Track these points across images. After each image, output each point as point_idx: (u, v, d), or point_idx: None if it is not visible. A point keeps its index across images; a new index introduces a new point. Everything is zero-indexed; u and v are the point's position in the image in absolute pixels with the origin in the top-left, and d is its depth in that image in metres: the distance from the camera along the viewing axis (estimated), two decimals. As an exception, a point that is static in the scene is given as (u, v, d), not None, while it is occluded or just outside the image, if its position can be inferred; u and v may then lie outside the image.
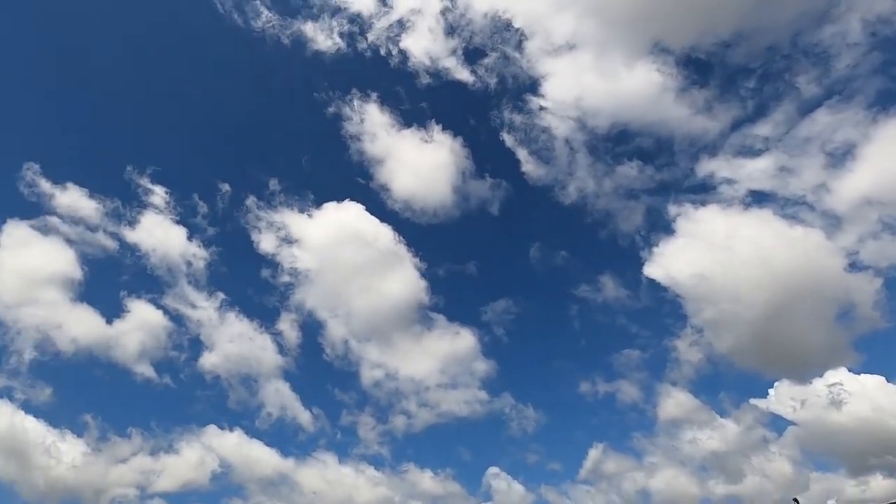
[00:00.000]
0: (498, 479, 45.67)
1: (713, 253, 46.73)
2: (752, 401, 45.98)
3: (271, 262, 51.46)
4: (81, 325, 45.07)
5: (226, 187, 52.86)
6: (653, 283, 50.35)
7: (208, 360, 47.61)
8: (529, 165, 54.03)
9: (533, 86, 53.71)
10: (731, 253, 45.88)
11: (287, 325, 50.30)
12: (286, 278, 50.88)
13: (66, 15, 53.62)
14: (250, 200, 52.57)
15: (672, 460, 45.68)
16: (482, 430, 50.61)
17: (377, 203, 53.89)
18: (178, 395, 47.20)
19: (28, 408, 41.48)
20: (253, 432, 45.75)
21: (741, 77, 51.32)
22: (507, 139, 54.48)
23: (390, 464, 46.83)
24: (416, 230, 54.75)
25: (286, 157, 59.56)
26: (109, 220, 48.30)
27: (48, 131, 54.48)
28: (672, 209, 51.17)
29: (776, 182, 48.35)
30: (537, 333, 57.11)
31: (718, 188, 50.18)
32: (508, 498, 44.86)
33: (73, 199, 47.29)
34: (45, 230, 46.04)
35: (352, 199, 52.58)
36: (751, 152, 49.94)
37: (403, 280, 51.14)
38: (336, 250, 50.76)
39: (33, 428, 40.27)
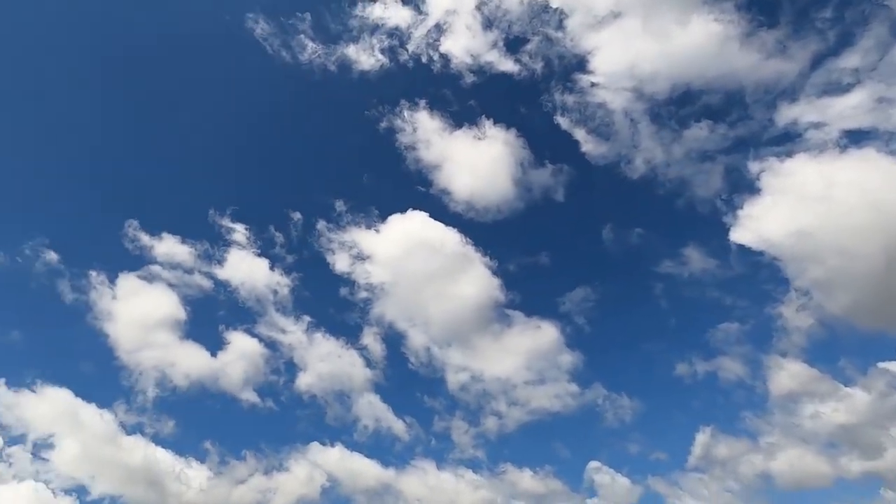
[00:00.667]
0: (600, 474, 44.12)
1: (809, 206, 42.20)
2: (882, 364, 40.94)
3: (348, 281, 53.45)
4: (191, 361, 49.34)
5: (297, 216, 55.67)
6: (743, 249, 46.37)
7: (304, 381, 50.25)
8: (589, 145, 51.94)
9: (580, 63, 51.64)
10: (832, 203, 41.16)
11: (370, 340, 51.94)
12: (363, 294, 52.60)
13: (134, 80, 59.21)
14: (320, 224, 54.99)
15: (793, 438, 41.68)
16: (577, 423, 49.15)
17: (440, 208, 54.28)
18: (280, 416, 50.18)
19: (157, 440, 46.01)
20: (352, 446, 47.58)
21: (816, 7, 46.04)
22: (562, 122, 52.77)
23: (488, 466, 46.78)
24: (482, 229, 54.47)
25: (347, 178, 61.66)
26: (202, 262, 52.56)
27: (139, 188, 60.27)
28: (754, 166, 46.89)
29: (875, 116, 42.78)
30: (621, 318, 54.57)
31: (805, 135, 45.28)
32: (613, 492, 43.17)
33: (168, 246, 52.02)
34: (150, 278, 50.99)
35: (414, 209, 53.36)
36: (839, 89, 44.61)
37: (476, 281, 51.07)
38: (406, 261, 51.73)
39: (163, 458, 44.53)
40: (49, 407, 44.13)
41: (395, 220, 53.75)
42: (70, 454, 43.36)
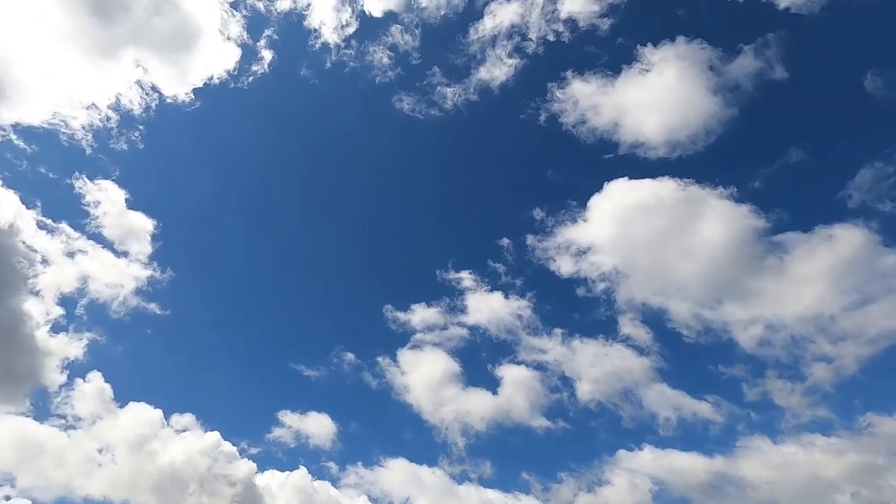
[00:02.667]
0: None
1: None
2: None
3: (580, 280, 52.24)
4: (480, 404, 51.88)
5: (505, 241, 56.90)
6: None
7: (583, 391, 49.45)
8: (791, -5, 38.82)
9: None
10: None
11: (630, 328, 49.17)
12: (602, 285, 50.70)
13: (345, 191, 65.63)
14: (530, 239, 55.27)
15: None
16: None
17: (637, 164, 47.80)
18: (576, 432, 48.50)
19: (483, 482, 48.60)
20: (661, 443, 43.59)
21: None
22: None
23: (841, 424, 38.68)
24: (697, 161, 45.70)
25: (533, 185, 60.18)
26: (450, 316, 55.96)
27: (381, 275, 67.04)
28: None
29: None
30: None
31: None
32: None
33: (420, 315, 56.70)
34: (419, 346, 55.78)
35: (609, 180, 49.87)
36: None
37: (718, 219, 43.40)
38: (628, 234, 48.17)
39: (495, 497, 46.51)
40: (396, 475, 49.73)
41: (597, 200, 51.00)
42: (426, 512, 47.45)
